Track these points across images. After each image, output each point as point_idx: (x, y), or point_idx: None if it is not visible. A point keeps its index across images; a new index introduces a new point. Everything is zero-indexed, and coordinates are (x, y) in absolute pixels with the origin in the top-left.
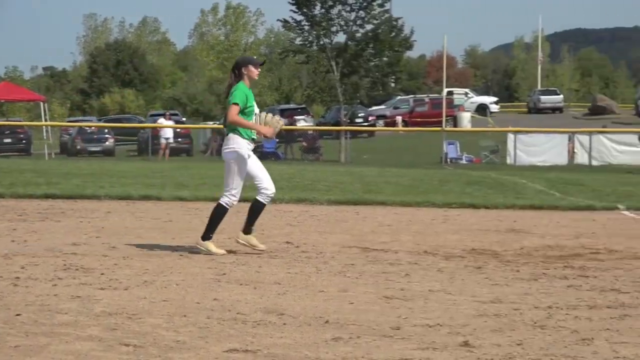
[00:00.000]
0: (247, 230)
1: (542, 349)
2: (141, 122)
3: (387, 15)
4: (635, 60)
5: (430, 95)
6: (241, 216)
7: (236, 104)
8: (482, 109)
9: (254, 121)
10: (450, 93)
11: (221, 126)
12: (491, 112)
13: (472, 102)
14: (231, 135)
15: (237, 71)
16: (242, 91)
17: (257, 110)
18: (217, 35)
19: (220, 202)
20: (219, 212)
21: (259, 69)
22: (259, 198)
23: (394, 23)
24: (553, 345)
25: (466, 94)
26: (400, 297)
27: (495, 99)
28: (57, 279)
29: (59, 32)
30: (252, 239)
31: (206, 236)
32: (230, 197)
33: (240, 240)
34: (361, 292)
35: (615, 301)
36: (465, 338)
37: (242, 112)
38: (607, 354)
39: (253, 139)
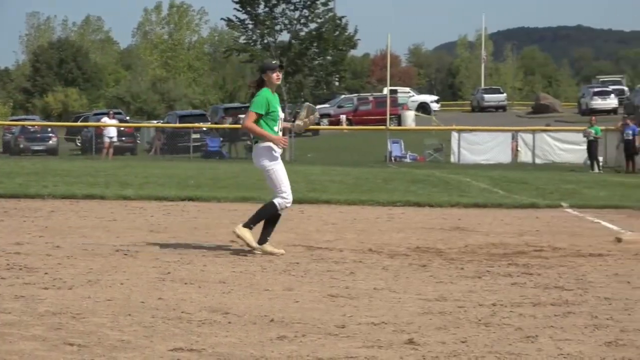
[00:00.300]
0: (263, 240)
1: (486, 346)
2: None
3: (331, 14)
4: (578, 59)
5: (374, 94)
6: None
7: (255, 112)
8: (422, 107)
9: (280, 126)
10: (394, 92)
11: (164, 125)
12: (432, 111)
13: (412, 101)
14: (261, 142)
15: (260, 78)
16: (263, 97)
17: (282, 115)
18: (160, 34)
19: (274, 201)
20: (268, 210)
21: (278, 73)
22: (274, 201)
23: (338, 22)
24: (497, 343)
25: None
26: (345, 295)
27: (436, 97)
28: (1, 278)
29: (1, 31)
30: (266, 246)
31: (247, 225)
32: (283, 199)
33: (236, 231)
34: (306, 291)
35: (559, 298)
36: (410, 336)
37: (266, 116)
38: (551, 351)
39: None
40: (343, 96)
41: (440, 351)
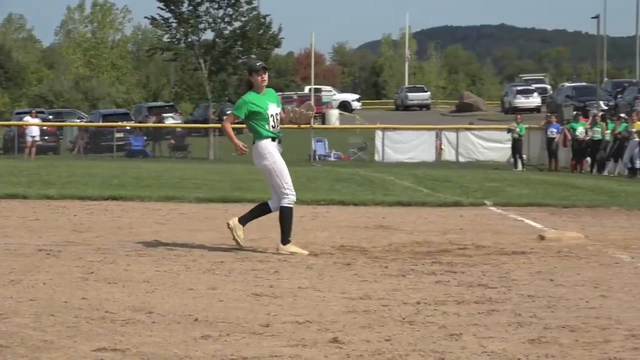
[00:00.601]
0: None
1: (410, 344)
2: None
3: (255, 12)
4: (501, 58)
5: (299, 92)
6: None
7: (234, 114)
8: (343, 106)
9: (272, 123)
10: (318, 90)
11: (88, 124)
12: (353, 109)
13: (334, 100)
14: (257, 142)
15: (248, 80)
16: (242, 101)
17: (274, 111)
18: (83, 32)
19: (282, 205)
20: (286, 214)
21: (262, 74)
22: (283, 205)
23: (262, 20)
24: (421, 341)
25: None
26: (270, 294)
27: (357, 96)
28: None
29: None
30: (291, 247)
31: (285, 240)
32: (289, 196)
33: (281, 251)
34: (230, 290)
35: (482, 296)
36: (334, 334)
37: (255, 117)
38: (475, 348)
39: (279, 139)
40: None
41: (365, 350)
